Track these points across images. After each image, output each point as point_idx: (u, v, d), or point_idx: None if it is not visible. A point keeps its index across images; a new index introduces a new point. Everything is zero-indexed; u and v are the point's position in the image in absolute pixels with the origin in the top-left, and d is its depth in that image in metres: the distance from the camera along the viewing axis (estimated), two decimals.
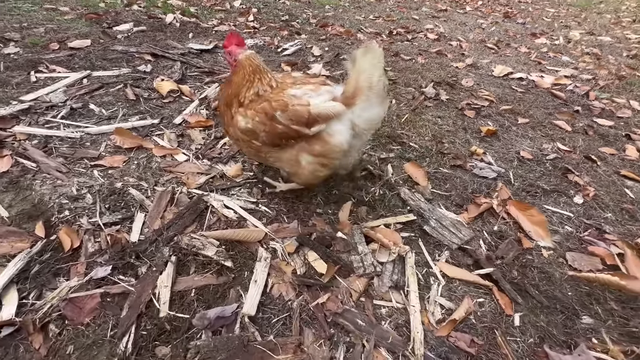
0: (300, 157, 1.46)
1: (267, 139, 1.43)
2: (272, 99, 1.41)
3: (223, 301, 1.29)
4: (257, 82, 1.45)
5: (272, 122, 1.39)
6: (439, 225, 1.69)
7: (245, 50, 1.49)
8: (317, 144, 1.43)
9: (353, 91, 1.40)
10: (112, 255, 1.36)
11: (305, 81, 1.50)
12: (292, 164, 1.50)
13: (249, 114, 1.43)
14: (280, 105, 1.39)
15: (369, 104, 1.41)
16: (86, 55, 2.89)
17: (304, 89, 1.45)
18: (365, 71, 1.36)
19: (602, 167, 2.36)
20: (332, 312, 1.27)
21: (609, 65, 4.31)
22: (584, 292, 1.49)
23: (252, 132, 1.43)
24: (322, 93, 1.45)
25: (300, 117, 1.37)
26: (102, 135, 2.03)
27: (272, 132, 1.40)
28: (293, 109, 1.37)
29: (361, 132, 1.47)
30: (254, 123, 1.42)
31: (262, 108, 1.41)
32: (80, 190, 1.64)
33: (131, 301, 1.22)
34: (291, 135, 1.41)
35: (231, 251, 1.47)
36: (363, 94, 1.39)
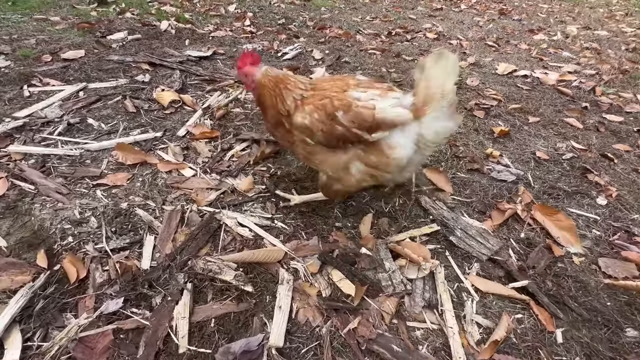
0: (352, 164, 1.37)
1: (323, 139, 1.34)
2: (335, 97, 1.31)
3: (246, 331, 1.19)
4: (285, 91, 1.37)
5: (332, 121, 1.30)
6: (465, 235, 1.61)
7: (261, 67, 1.41)
8: (373, 154, 1.34)
9: (423, 100, 1.29)
10: (122, 285, 1.25)
11: (369, 85, 1.40)
12: (339, 169, 1.40)
13: (307, 109, 1.33)
14: (343, 105, 1.29)
15: (440, 114, 1.30)
16: (81, 66, 2.77)
17: (369, 92, 1.34)
18: (438, 78, 1.26)
19: (620, 165, 2.30)
20: (366, 338, 1.18)
21: (610, 60, 4.29)
22: (623, 301, 1.42)
23: (308, 129, 1.33)
24: (389, 99, 1.34)
25: (364, 121, 1.28)
26: (103, 151, 1.92)
27: (330, 132, 1.31)
28: (357, 110, 1.28)
29: (425, 146, 1.36)
30: (312, 120, 1.32)
31: (323, 105, 1.31)
32: (83, 213, 1.53)
33: (147, 337, 1.11)
34: (350, 139, 1.32)
35: (250, 274, 1.37)
36: (435, 103, 1.29)
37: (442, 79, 1.27)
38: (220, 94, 2.66)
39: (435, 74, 1.27)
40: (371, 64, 3.61)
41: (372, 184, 1.45)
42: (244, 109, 2.51)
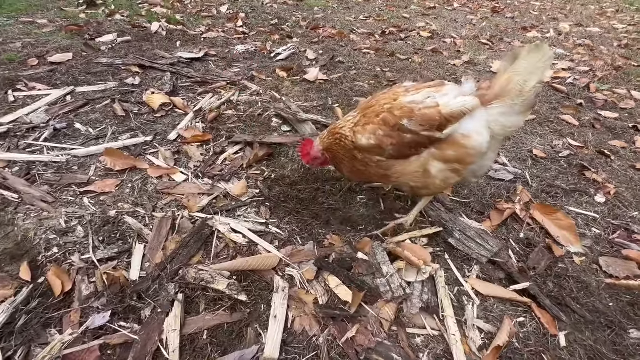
0: (430, 166, 1.33)
1: (395, 152, 1.31)
2: (394, 108, 1.29)
3: (240, 342, 1.15)
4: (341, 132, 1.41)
5: (399, 132, 1.27)
6: (464, 237, 1.58)
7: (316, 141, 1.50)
8: (450, 148, 1.29)
9: (498, 91, 1.26)
10: (110, 297, 1.20)
11: (419, 87, 1.37)
12: (419, 176, 1.36)
13: (369, 128, 1.31)
14: (405, 112, 1.27)
15: (511, 110, 1.27)
16: (68, 69, 2.71)
17: (422, 92, 1.31)
18: (522, 74, 1.22)
19: (617, 161, 2.29)
20: (364, 347, 1.13)
21: (603, 56, 4.30)
22: (626, 301, 1.39)
23: (377, 147, 1.31)
24: (448, 92, 1.30)
25: (431, 121, 1.24)
26: (91, 157, 1.86)
27: (400, 142, 1.28)
28: (421, 113, 1.25)
29: (495, 135, 1.32)
30: (378, 137, 1.30)
31: (384, 120, 1.29)
32: (69, 222, 1.47)
33: (136, 352, 1.06)
34: (422, 143, 1.29)
35: (244, 282, 1.32)
36: (508, 98, 1.25)
37: (527, 75, 1.23)
38: (213, 96, 2.60)
39: (523, 68, 1.22)
40: (365, 64, 3.58)
41: (459, 179, 1.41)
42: (236, 111, 2.46)
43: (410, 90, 1.37)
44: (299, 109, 2.52)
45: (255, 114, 2.45)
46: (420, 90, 1.34)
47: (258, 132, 2.24)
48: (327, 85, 3.02)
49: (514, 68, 1.25)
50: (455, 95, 1.29)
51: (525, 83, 1.23)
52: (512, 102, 1.25)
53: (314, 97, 2.78)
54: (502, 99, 1.26)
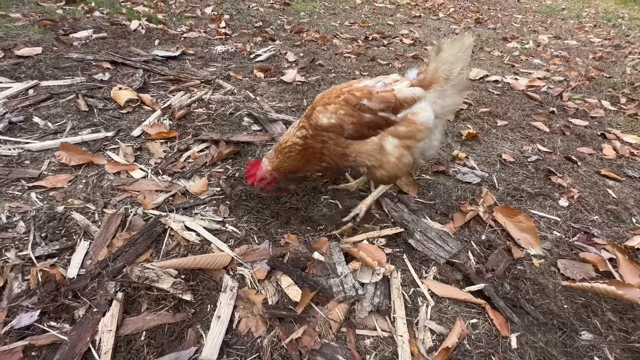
0: (385, 142, 1.43)
1: (354, 131, 1.39)
2: (354, 89, 1.40)
3: (180, 344, 1.09)
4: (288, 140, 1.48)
5: (359, 111, 1.36)
6: (424, 238, 1.56)
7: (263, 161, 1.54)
8: (402, 125, 1.41)
9: (430, 79, 1.40)
10: (42, 296, 1.13)
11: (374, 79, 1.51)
12: (375, 154, 1.45)
13: (330, 108, 1.39)
14: (365, 93, 1.38)
15: (442, 94, 1.41)
16: (35, 63, 2.63)
17: (373, 79, 1.46)
18: (446, 63, 1.36)
19: (583, 167, 2.33)
20: (309, 348, 1.09)
21: (578, 67, 4.42)
22: (580, 303, 1.39)
23: (338, 126, 1.39)
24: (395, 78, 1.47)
25: (388, 102, 1.36)
26: (46, 151, 1.79)
27: (360, 122, 1.37)
28: (379, 95, 1.37)
29: (438, 115, 1.46)
30: (339, 116, 1.38)
31: (346, 100, 1.38)
32: (11, 217, 1.40)
33: (62, 354, 1.00)
34: (379, 124, 1.39)
35: (192, 281, 1.27)
36: (438, 85, 1.40)
37: (451, 63, 1.36)
38: (184, 94, 2.56)
39: (446, 58, 1.36)
40: (345, 67, 3.59)
41: (412, 158, 1.49)
42: (207, 110, 2.42)
43: (363, 81, 1.48)
44: (271, 109, 2.50)
45: (226, 112, 2.41)
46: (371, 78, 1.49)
47: (227, 131, 2.21)
48: (304, 87, 3.00)
49: (439, 59, 1.39)
50: (406, 84, 1.42)
51: (451, 70, 1.38)
52: (442, 87, 1.41)
53: (289, 98, 2.76)
54: (434, 85, 1.41)
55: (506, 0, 11.01)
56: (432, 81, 1.41)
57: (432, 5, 8.22)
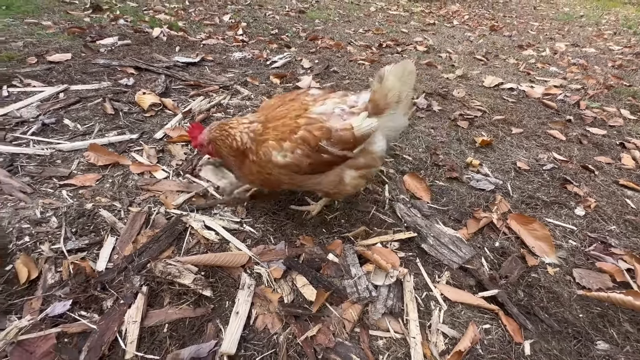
0: (344, 175, 1.43)
1: (310, 170, 1.36)
2: (312, 128, 1.31)
3: (200, 337, 1.14)
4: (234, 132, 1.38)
5: (317, 152, 1.31)
6: (437, 243, 1.58)
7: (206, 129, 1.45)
8: (360, 157, 1.41)
9: (383, 105, 1.38)
10: (73, 287, 1.20)
11: (325, 96, 1.45)
12: (335, 184, 1.45)
13: (286, 146, 1.31)
14: (324, 133, 1.31)
15: (395, 116, 1.43)
16: (65, 69, 2.77)
17: (328, 103, 1.40)
18: (395, 88, 1.36)
19: (600, 176, 2.30)
20: (323, 346, 1.13)
21: (596, 75, 4.36)
22: (596, 313, 1.38)
23: (294, 165, 1.33)
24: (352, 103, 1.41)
25: (347, 143, 1.34)
26: (75, 152, 1.89)
27: (318, 161, 1.34)
28: (337, 135, 1.32)
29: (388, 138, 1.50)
30: (295, 156, 1.31)
31: (303, 139, 1.30)
32: (45, 212, 1.49)
33: (92, 342, 1.06)
34: (337, 162, 1.38)
35: (211, 278, 1.33)
36: (391, 108, 1.40)
37: (399, 88, 1.37)
38: (204, 98, 2.65)
39: (393, 84, 1.35)
40: (359, 74, 3.64)
41: (365, 182, 1.52)
42: (225, 114, 2.50)
43: (318, 99, 1.42)
44: None
45: None
46: (327, 99, 1.42)
47: None
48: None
49: (385, 85, 1.35)
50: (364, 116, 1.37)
51: (400, 95, 1.38)
52: (395, 109, 1.41)
53: None
54: (388, 109, 1.40)
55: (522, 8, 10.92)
56: (385, 107, 1.38)
57: (447, 13, 8.23)
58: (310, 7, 7.01)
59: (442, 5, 9.58)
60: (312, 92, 1.51)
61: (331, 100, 1.41)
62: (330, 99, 1.42)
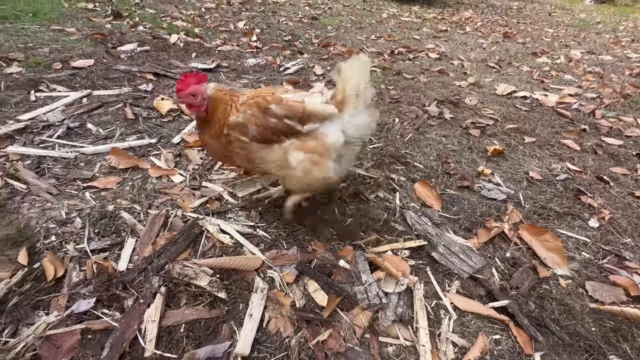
0: (290, 156, 1.43)
1: (257, 133, 1.41)
2: (266, 95, 1.43)
3: (215, 337, 1.18)
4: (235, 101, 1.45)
5: (265, 114, 1.39)
6: (447, 252, 1.59)
7: (209, 83, 1.47)
8: (309, 139, 1.44)
9: (341, 99, 1.45)
10: (96, 286, 1.26)
11: (296, 91, 1.55)
12: (280, 165, 1.46)
13: (242, 109, 1.42)
14: (275, 99, 1.41)
15: (357, 111, 1.45)
16: (88, 74, 2.89)
17: (297, 94, 1.49)
18: (352, 79, 1.41)
19: (616, 188, 2.27)
20: (334, 351, 1.15)
21: (612, 84, 4.29)
22: (609, 327, 1.37)
23: (243, 125, 1.41)
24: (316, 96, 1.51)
25: (295, 112, 1.40)
26: (98, 155, 1.97)
27: (264, 125, 1.40)
28: (287, 103, 1.40)
29: (350, 139, 1.48)
30: (245, 116, 1.41)
31: (256, 102, 1.41)
32: (69, 213, 1.56)
33: (114, 339, 1.11)
34: (283, 131, 1.41)
35: (226, 280, 1.37)
36: (351, 102, 1.44)
37: (356, 80, 1.41)
38: None
39: (350, 75, 1.41)
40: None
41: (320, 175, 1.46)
42: None
43: (289, 91, 1.51)
44: None
45: None
46: (296, 92, 1.51)
47: None
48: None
49: (342, 78, 1.43)
50: (321, 100, 1.47)
51: (358, 85, 1.42)
52: (355, 103, 1.44)
53: None
54: (347, 103, 1.44)
55: (537, 14, 10.81)
56: (344, 101, 1.44)
57: (459, 20, 8.22)
58: (323, 13, 7.10)
59: (455, 11, 9.57)
60: (287, 87, 1.61)
61: (299, 92, 1.51)
62: (299, 92, 1.51)
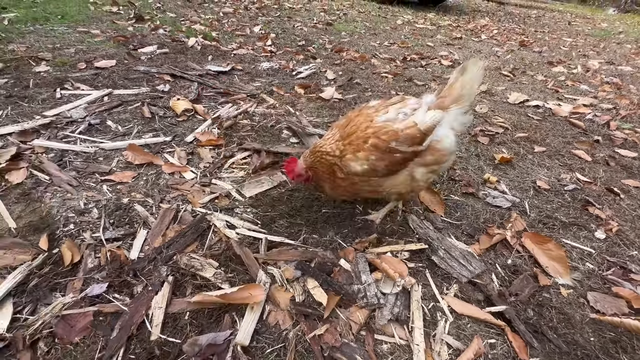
0: (415, 172, 1.52)
1: (387, 170, 1.48)
2: (380, 134, 1.44)
3: (217, 326, 1.24)
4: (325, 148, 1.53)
5: (390, 153, 1.44)
6: (447, 256, 1.61)
7: (300, 159, 1.61)
8: (428, 154, 1.50)
9: (455, 97, 1.50)
10: (109, 272, 1.34)
11: (385, 104, 1.57)
12: (408, 183, 1.56)
13: (361, 155, 1.46)
14: (392, 136, 1.43)
15: (464, 110, 1.53)
16: (110, 74, 3.04)
17: (392, 110, 1.51)
18: (472, 80, 1.49)
19: (626, 200, 2.23)
20: (330, 345, 1.19)
21: (630, 95, 4.20)
22: (609, 338, 1.36)
23: (372, 171, 1.48)
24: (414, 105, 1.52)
25: (414, 139, 1.44)
26: (116, 151, 2.08)
27: (392, 161, 1.46)
28: (404, 134, 1.43)
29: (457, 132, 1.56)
30: (371, 162, 1.45)
31: (374, 145, 1.44)
32: (87, 204, 1.66)
33: (123, 322, 1.18)
34: (409, 158, 1.48)
35: (230, 273, 1.43)
36: (463, 101, 1.51)
37: (474, 82, 1.49)
38: (232, 106, 2.82)
39: (470, 77, 1.48)
40: (382, 87, 3.72)
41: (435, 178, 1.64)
42: (251, 121, 2.65)
43: (379, 109, 1.54)
44: (309, 123, 2.68)
45: (268, 125, 2.63)
46: (388, 107, 1.53)
47: (268, 142, 2.40)
48: (340, 104, 3.17)
49: (464, 78, 1.50)
50: (424, 110, 1.49)
51: (472, 88, 1.50)
52: (465, 103, 1.52)
53: (325, 113, 2.94)
54: (459, 103, 1.51)
55: (556, 23, 10.65)
56: (454, 100, 1.50)
57: (475, 27, 8.18)
58: (338, 19, 7.20)
59: (471, 19, 9.53)
60: (372, 104, 1.62)
61: (393, 107, 1.52)
62: (392, 105, 1.54)
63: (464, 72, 1.49)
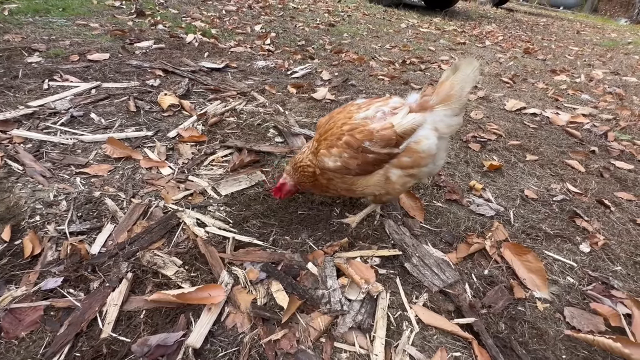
0: (390, 173, 1.48)
1: (360, 170, 1.46)
2: (355, 132, 1.42)
3: (172, 327, 1.21)
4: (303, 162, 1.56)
5: (362, 153, 1.41)
6: (421, 264, 1.56)
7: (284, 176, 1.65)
8: (405, 156, 1.45)
9: (443, 96, 1.42)
10: (67, 266, 1.31)
11: (369, 103, 1.53)
12: (382, 184, 1.52)
13: (334, 151, 1.45)
14: (366, 135, 1.40)
15: (452, 111, 1.44)
16: (101, 67, 3.04)
17: (371, 108, 1.48)
18: (461, 82, 1.41)
19: (616, 213, 2.16)
20: (284, 351, 1.15)
21: (632, 106, 4.10)
22: (582, 356, 1.30)
23: (344, 168, 1.46)
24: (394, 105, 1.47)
25: (389, 140, 1.40)
26: (95, 143, 2.06)
27: (364, 161, 1.43)
28: (379, 134, 1.39)
29: (442, 135, 1.48)
30: (344, 160, 1.44)
31: (347, 143, 1.42)
32: (57, 196, 1.64)
33: (73, 318, 1.15)
34: (384, 160, 1.44)
35: (193, 272, 1.40)
36: (451, 102, 1.43)
37: (465, 83, 1.40)
38: (220, 103, 2.80)
39: (462, 77, 1.40)
40: (377, 89, 3.68)
41: (415, 181, 1.56)
42: (238, 119, 2.62)
43: (362, 106, 1.50)
44: (296, 123, 2.64)
45: (254, 123, 2.59)
46: (371, 105, 1.49)
47: (252, 140, 2.37)
48: (332, 105, 3.13)
49: (455, 77, 1.41)
50: (405, 112, 1.43)
51: (463, 89, 1.40)
52: (453, 105, 1.42)
53: (315, 114, 2.90)
54: (446, 103, 1.42)
55: (564, 32, 10.52)
56: (442, 100, 1.42)
57: (480, 33, 8.10)
58: (341, 20, 7.18)
59: (477, 25, 9.45)
60: (357, 102, 1.59)
61: (374, 105, 1.49)
62: (373, 104, 1.50)
63: (456, 72, 1.41)
